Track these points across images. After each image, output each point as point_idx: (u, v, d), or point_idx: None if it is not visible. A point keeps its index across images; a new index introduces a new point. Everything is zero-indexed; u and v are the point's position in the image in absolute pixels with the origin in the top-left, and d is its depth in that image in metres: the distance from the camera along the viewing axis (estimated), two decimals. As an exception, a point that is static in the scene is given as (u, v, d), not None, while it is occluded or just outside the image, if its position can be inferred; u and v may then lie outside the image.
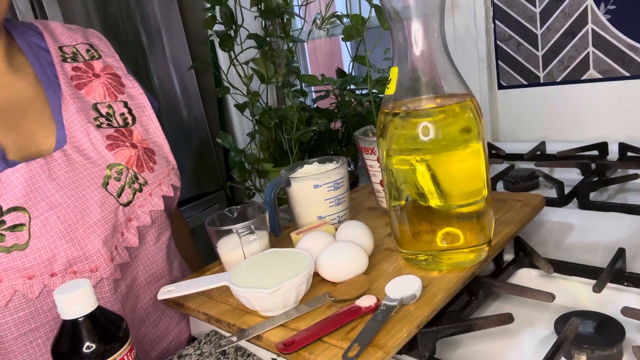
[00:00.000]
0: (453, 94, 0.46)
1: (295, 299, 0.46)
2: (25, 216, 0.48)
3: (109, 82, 0.60)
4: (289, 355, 0.41)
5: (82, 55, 0.60)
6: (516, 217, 0.57)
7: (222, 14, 1.04)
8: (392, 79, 0.47)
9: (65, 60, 0.58)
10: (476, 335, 0.45)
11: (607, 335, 0.40)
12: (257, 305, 0.46)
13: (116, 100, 0.59)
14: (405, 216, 0.49)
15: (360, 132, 0.63)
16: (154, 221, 0.57)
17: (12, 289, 0.47)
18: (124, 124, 0.58)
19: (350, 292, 0.47)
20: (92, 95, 0.57)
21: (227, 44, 1.07)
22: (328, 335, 0.42)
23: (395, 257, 0.53)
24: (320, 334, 0.42)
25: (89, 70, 0.59)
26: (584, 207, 0.66)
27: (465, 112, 0.45)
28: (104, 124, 0.56)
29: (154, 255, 0.59)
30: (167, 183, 0.59)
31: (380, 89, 0.99)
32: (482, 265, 0.49)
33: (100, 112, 0.57)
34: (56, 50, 0.58)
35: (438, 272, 0.48)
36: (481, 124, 0.46)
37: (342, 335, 0.42)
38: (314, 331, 0.42)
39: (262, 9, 1.05)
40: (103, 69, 0.60)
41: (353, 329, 0.42)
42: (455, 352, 0.44)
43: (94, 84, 0.58)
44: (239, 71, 1.14)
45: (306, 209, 0.60)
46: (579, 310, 0.45)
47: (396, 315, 0.43)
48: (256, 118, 1.17)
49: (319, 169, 0.62)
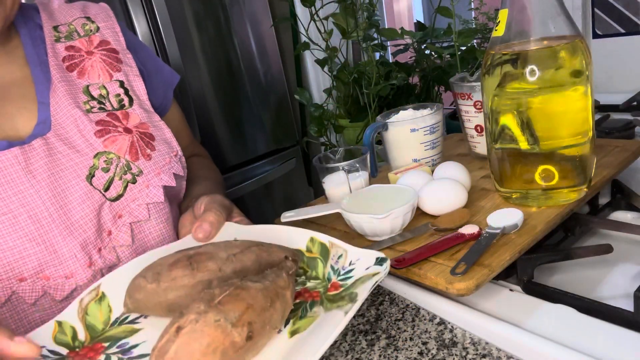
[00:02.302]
0: (562, 36, 0.48)
1: (401, 226, 0.51)
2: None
3: (104, 60, 0.55)
4: (399, 270, 0.47)
5: (78, 31, 0.56)
6: (614, 161, 0.57)
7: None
8: (500, 20, 0.49)
9: (59, 40, 0.54)
10: (573, 264, 0.48)
11: None
12: (368, 229, 0.52)
13: (111, 80, 0.54)
14: (506, 157, 0.51)
15: (456, 78, 0.65)
16: (152, 215, 0.51)
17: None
18: (119, 106, 0.53)
19: (452, 222, 0.51)
20: (84, 77, 0.53)
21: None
22: (435, 256, 0.47)
23: (492, 196, 0.57)
24: (427, 254, 0.47)
25: (82, 48, 0.55)
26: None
27: (575, 53, 0.47)
28: (94, 108, 0.51)
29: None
30: (168, 172, 0.52)
31: (463, 41, 0.98)
32: (581, 203, 0.52)
33: (92, 95, 0.52)
34: (50, 31, 0.55)
35: (537, 207, 0.51)
36: (590, 65, 0.47)
37: (447, 256, 0.47)
38: (422, 251, 0.47)
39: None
40: (99, 44, 0.56)
41: (457, 252, 0.47)
42: (551, 278, 0.48)
43: (87, 64, 0.54)
44: (318, 27, 1.17)
45: (402, 152, 0.65)
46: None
47: (498, 242, 0.47)
48: (334, 74, 1.20)
49: (414, 114, 0.65)
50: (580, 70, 0.47)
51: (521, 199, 0.52)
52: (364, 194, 0.56)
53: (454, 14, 0.92)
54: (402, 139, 0.64)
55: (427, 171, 0.60)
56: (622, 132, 0.75)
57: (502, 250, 0.45)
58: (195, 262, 0.39)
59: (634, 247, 0.50)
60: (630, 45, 0.90)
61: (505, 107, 0.49)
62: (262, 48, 1.47)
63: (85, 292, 0.43)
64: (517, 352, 0.39)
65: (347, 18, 1.16)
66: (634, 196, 0.54)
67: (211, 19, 1.34)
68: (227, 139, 1.42)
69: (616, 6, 0.90)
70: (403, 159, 0.65)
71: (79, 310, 0.42)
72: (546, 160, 0.50)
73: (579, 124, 0.48)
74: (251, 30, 1.44)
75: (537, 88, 0.47)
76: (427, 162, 0.65)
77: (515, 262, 0.46)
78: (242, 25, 1.42)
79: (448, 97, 1.10)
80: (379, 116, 0.67)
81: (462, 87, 0.63)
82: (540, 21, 0.47)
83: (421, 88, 1.18)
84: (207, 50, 1.34)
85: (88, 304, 0.42)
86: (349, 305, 0.36)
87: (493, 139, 0.52)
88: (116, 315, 0.42)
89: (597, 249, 0.46)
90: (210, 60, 1.35)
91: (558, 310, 0.41)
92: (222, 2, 1.37)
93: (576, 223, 0.51)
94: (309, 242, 0.46)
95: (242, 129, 1.45)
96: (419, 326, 0.44)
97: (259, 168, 1.48)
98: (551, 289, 0.44)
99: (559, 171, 0.50)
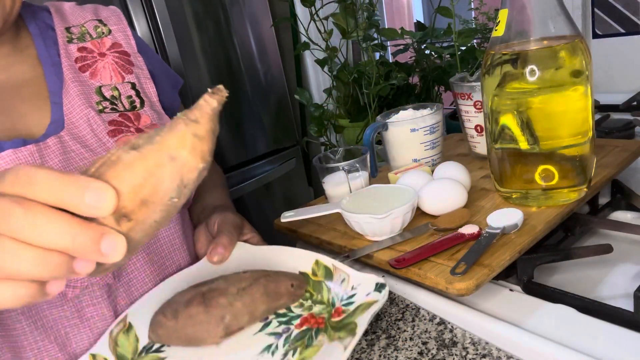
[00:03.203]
0: (562, 36, 0.48)
1: (401, 226, 0.51)
2: None
3: (116, 62, 0.56)
4: (399, 270, 0.47)
5: (90, 33, 0.57)
6: (614, 161, 0.57)
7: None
8: (500, 20, 0.49)
9: (71, 41, 0.55)
10: (572, 264, 0.48)
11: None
12: (368, 229, 0.52)
13: (123, 81, 0.55)
14: (506, 156, 0.51)
15: (456, 78, 0.65)
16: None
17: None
18: (130, 107, 0.54)
19: (451, 222, 0.51)
20: (97, 78, 0.54)
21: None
22: (435, 256, 0.47)
23: (492, 196, 0.57)
24: (427, 254, 0.47)
25: (94, 49, 0.56)
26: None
27: (575, 53, 0.47)
28: (107, 109, 0.53)
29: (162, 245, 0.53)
30: None
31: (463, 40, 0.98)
32: (581, 203, 0.52)
33: (104, 95, 0.53)
34: (62, 32, 0.56)
35: (537, 207, 0.51)
36: (590, 65, 0.47)
37: (447, 256, 0.47)
38: (421, 251, 0.47)
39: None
40: (111, 47, 0.57)
41: (457, 252, 0.47)
42: (551, 278, 0.48)
43: (99, 65, 0.55)
44: (318, 27, 1.17)
45: (402, 152, 0.65)
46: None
47: (498, 242, 0.47)
48: (334, 74, 1.20)
49: (414, 114, 0.65)
50: (580, 70, 0.47)
51: (521, 199, 0.52)
52: (364, 194, 0.56)
53: (453, 14, 0.92)
54: (402, 139, 0.64)
55: (427, 171, 0.60)
56: (622, 132, 0.75)
57: (502, 250, 0.45)
58: (208, 299, 0.44)
59: (634, 247, 0.50)
60: (630, 45, 0.90)
61: (505, 107, 0.49)
62: (262, 48, 1.47)
63: (114, 324, 0.47)
64: (517, 352, 0.39)
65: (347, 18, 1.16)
66: (634, 196, 0.54)
67: (211, 19, 1.34)
68: (227, 139, 1.42)
69: (616, 6, 0.90)
70: (403, 159, 0.65)
71: (110, 342, 0.46)
72: (546, 160, 0.50)
73: (578, 124, 0.48)
74: (251, 30, 1.44)
75: (537, 88, 0.47)
76: (427, 162, 0.65)
77: (515, 262, 0.46)
78: (242, 25, 1.42)
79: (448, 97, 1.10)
80: (379, 116, 0.67)
81: (462, 87, 0.63)
82: (540, 21, 0.47)
83: (421, 88, 1.18)
84: (207, 50, 1.34)
85: (117, 335, 0.46)
86: (349, 340, 0.39)
87: (493, 139, 0.52)
88: (143, 344, 0.46)
89: (597, 249, 0.46)
90: (210, 60, 1.35)
91: (558, 310, 0.41)
92: (222, 2, 1.37)
93: (576, 223, 0.51)
94: (314, 265, 0.48)
95: (242, 129, 1.45)
96: (419, 326, 0.44)
97: (259, 168, 1.48)
98: (551, 289, 0.44)
99: (559, 171, 0.50)
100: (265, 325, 0.45)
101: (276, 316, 0.45)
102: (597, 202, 0.57)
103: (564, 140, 0.49)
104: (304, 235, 0.59)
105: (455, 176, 0.56)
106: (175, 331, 0.44)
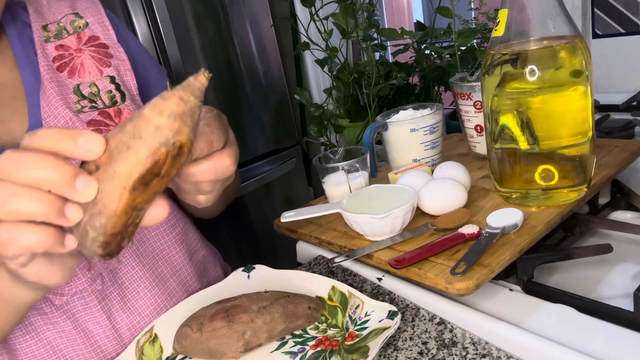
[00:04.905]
0: (562, 36, 0.48)
1: (401, 226, 0.51)
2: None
3: (93, 56, 0.54)
4: (399, 270, 0.47)
5: (67, 29, 0.54)
6: (614, 161, 0.57)
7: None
8: (500, 20, 0.49)
9: (49, 40, 0.53)
10: (572, 264, 0.48)
11: None
12: (367, 229, 0.52)
13: (102, 76, 0.53)
14: (506, 156, 0.51)
15: (456, 78, 0.65)
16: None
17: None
18: (111, 103, 0.52)
19: (451, 222, 0.51)
20: (74, 76, 0.52)
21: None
22: (434, 256, 0.47)
23: (491, 196, 0.57)
24: (427, 254, 0.47)
25: (71, 46, 0.54)
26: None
27: (575, 53, 0.47)
28: (85, 107, 0.51)
29: (162, 250, 0.54)
30: None
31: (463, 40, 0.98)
32: (581, 203, 0.52)
33: (83, 94, 0.52)
34: (39, 31, 0.54)
35: (537, 207, 0.51)
36: (590, 65, 0.47)
37: (447, 256, 0.47)
38: (421, 251, 0.47)
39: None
40: (88, 41, 0.54)
41: (457, 252, 0.47)
42: (551, 278, 0.48)
43: (77, 62, 0.53)
44: (318, 27, 1.17)
45: (402, 152, 0.65)
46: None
47: (497, 242, 0.47)
48: (334, 74, 1.20)
49: (414, 114, 0.65)
50: (580, 70, 0.47)
51: (521, 199, 0.52)
52: (363, 194, 0.56)
53: (453, 14, 0.92)
54: (402, 139, 0.64)
55: (427, 171, 0.60)
56: (622, 132, 0.75)
57: (502, 250, 0.45)
58: (232, 314, 0.46)
59: (633, 247, 0.50)
60: (630, 45, 0.90)
61: (505, 107, 0.49)
62: (262, 48, 1.47)
63: (141, 334, 0.49)
64: (517, 352, 0.39)
65: (347, 18, 1.16)
66: (634, 196, 0.54)
67: (211, 19, 1.34)
68: (227, 139, 1.41)
69: (616, 6, 0.90)
70: (403, 159, 0.65)
71: (136, 351, 0.48)
72: (546, 160, 0.50)
73: (578, 124, 0.48)
74: (251, 30, 1.44)
75: (536, 88, 0.47)
76: (427, 162, 0.65)
77: (515, 262, 0.46)
78: (242, 25, 1.42)
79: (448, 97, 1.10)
80: (379, 116, 0.67)
81: (462, 87, 0.63)
82: (540, 21, 0.47)
83: (421, 88, 1.18)
84: (207, 50, 1.34)
85: (144, 345, 0.48)
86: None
87: (493, 139, 0.52)
88: (167, 355, 0.48)
89: (597, 249, 0.46)
90: (210, 60, 1.35)
91: (558, 310, 0.41)
92: (222, 2, 1.37)
93: (576, 223, 0.51)
94: (330, 290, 0.50)
95: (242, 129, 1.45)
96: (419, 326, 0.44)
97: (259, 168, 1.48)
98: (551, 289, 0.44)
99: (558, 171, 0.50)
100: (282, 344, 0.46)
101: (292, 336, 0.46)
102: (597, 202, 0.57)
103: (563, 140, 0.49)
104: (304, 235, 0.59)
105: (455, 176, 0.56)
106: (199, 343, 0.45)
